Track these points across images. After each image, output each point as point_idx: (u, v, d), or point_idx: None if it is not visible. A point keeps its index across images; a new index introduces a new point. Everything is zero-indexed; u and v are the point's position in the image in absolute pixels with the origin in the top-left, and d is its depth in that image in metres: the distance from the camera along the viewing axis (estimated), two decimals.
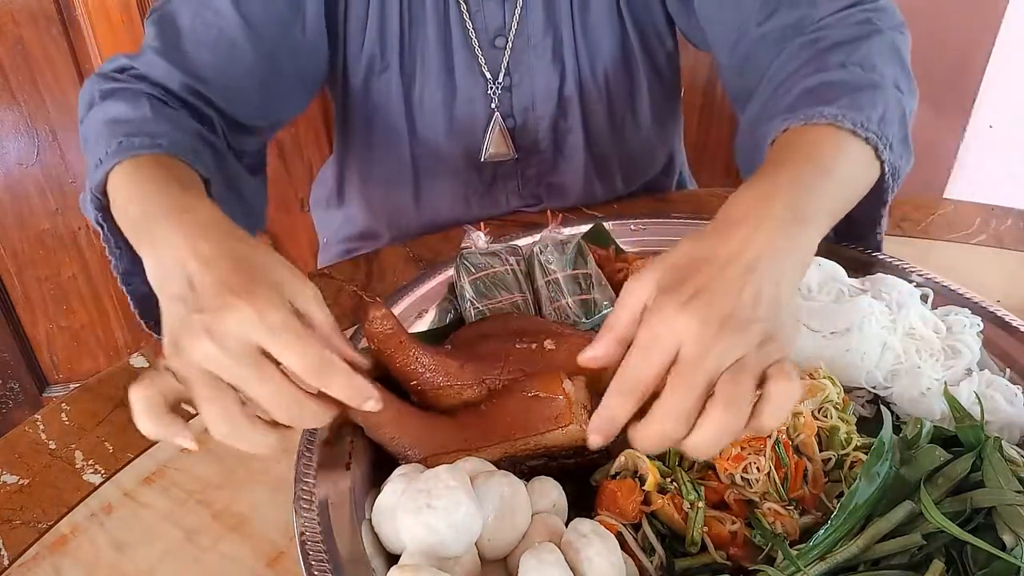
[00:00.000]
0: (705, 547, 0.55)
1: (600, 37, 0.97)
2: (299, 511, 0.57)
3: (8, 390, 1.81)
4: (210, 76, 0.82)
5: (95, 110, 0.78)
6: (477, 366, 0.63)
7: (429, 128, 0.99)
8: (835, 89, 0.68)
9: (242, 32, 0.83)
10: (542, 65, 0.97)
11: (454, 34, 0.95)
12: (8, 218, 1.62)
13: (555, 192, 1.07)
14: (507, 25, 0.95)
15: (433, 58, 0.95)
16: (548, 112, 1.00)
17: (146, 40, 0.83)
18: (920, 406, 0.67)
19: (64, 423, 0.72)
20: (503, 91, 0.98)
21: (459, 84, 0.97)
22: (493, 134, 1.00)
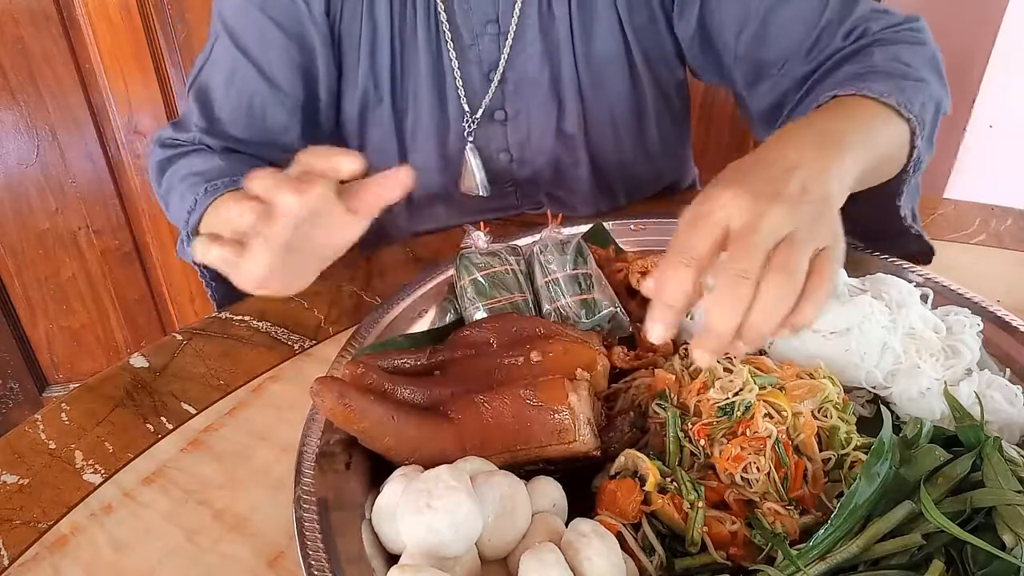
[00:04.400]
0: (705, 547, 0.55)
1: (606, 71, 0.95)
2: (299, 511, 0.57)
3: (8, 390, 1.81)
4: (251, 138, 0.93)
5: (169, 174, 0.90)
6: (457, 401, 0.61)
7: (421, 160, 0.99)
8: (881, 75, 0.73)
9: (270, 94, 0.91)
10: (538, 99, 0.96)
11: (446, 67, 0.94)
12: (8, 218, 1.63)
13: (556, 202, 1.07)
14: (502, 58, 0.94)
15: (425, 91, 0.95)
16: (547, 146, 1.00)
17: (191, 115, 0.93)
18: (920, 406, 0.67)
19: (64, 423, 0.72)
20: (498, 124, 0.98)
21: (451, 116, 0.97)
22: (486, 169, 1.00)
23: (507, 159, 1.00)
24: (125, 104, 1.56)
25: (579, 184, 1.03)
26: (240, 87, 0.91)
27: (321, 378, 0.59)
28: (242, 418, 0.72)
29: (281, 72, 0.91)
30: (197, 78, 0.93)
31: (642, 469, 0.57)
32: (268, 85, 0.91)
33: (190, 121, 0.93)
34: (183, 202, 0.83)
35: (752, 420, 0.60)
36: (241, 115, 0.92)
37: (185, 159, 0.89)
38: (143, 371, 0.78)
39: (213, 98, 0.92)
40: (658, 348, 0.73)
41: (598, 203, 1.06)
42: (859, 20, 0.83)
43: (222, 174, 0.83)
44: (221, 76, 0.92)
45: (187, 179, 0.86)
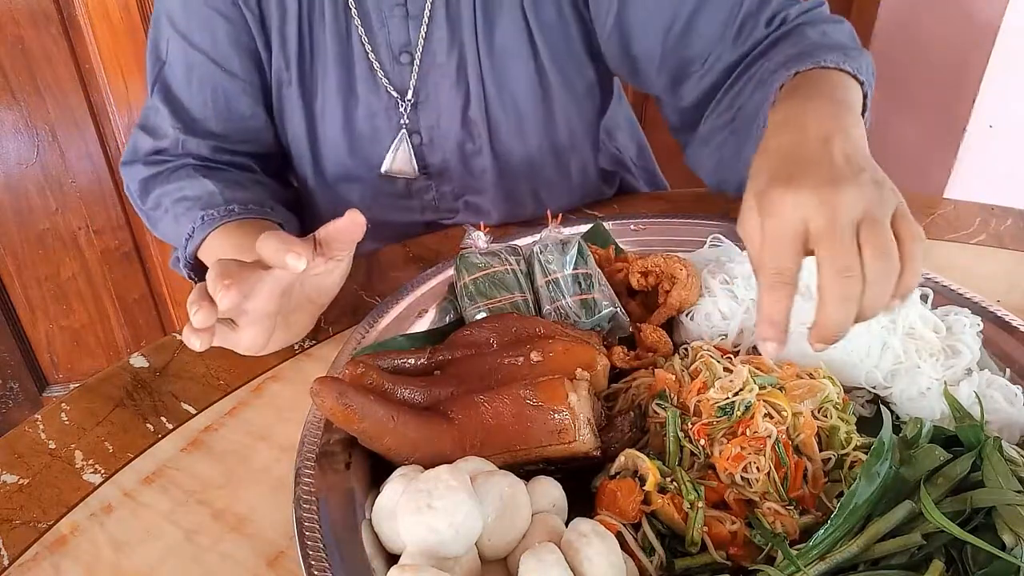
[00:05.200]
0: (705, 547, 0.55)
1: (509, 62, 0.94)
2: (299, 511, 0.57)
3: (8, 390, 1.81)
4: (227, 131, 0.95)
5: (157, 194, 0.92)
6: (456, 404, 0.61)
7: (330, 141, 0.99)
8: (825, 48, 0.76)
9: (229, 83, 0.93)
10: (447, 84, 0.96)
11: (355, 49, 0.94)
12: (8, 218, 1.63)
13: (471, 209, 1.06)
14: (412, 42, 0.94)
15: (332, 73, 0.95)
16: (453, 131, 0.99)
17: (160, 117, 0.94)
18: (920, 406, 0.67)
19: (64, 423, 0.72)
20: (411, 108, 0.98)
21: (360, 99, 0.97)
22: (398, 150, 0.99)
23: (417, 141, 1.00)
24: (125, 104, 1.56)
25: (485, 175, 1.02)
26: (201, 82, 0.93)
27: (321, 378, 0.59)
28: (242, 418, 0.72)
29: (234, 60, 0.93)
30: (159, 79, 0.94)
31: (642, 469, 0.57)
32: (226, 75, 0.93)
33: (164, 125, 0.94)
34: (177, 226, 0.86)
35: (752, 420, 0.60)
36: (209, 110, 0.94)
37: (174, 182, 0.91)
38: (143, 371, 0.78)
39: (179, 96, 0.94)
40: (658, 348, 0.73)
41: (508, 205, 1.04)
42: (777, 8, 0.86)
43: (214, 200, 0.86)
44: (180, 74, 0.93)
45: (180, 203, 0.88)
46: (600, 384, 0.66)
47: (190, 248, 0.84)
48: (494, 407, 0.60)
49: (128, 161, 0.97)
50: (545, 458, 0.59)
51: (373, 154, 1.00)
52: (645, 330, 0.74)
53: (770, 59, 0.82)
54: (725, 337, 0.74)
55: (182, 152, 0.94)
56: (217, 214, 0.83)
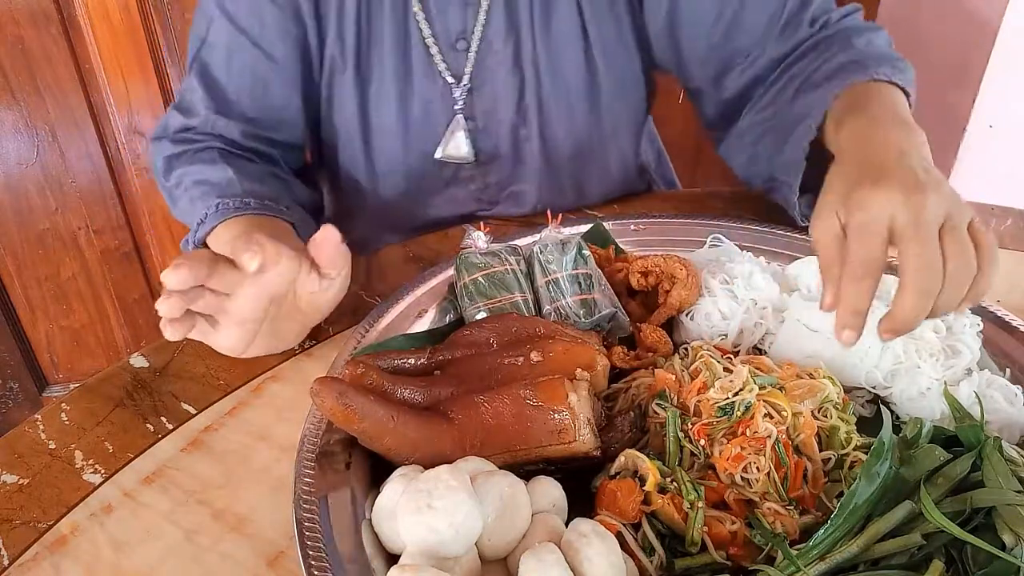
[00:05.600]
0: (705, 547, 0.55)
1: (563, 50, 0.97)
2: (299, 511, 0.57)
3: (8, 390, 1.81)
4: (259, 116, 0.95)
5: (179, 173, 0.91)
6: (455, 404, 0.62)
7: (384, 128, 1.00)
8: (874, 59, 0.80)
9: (270, 70, 0.93)
10: (503, 71, 0.98)
11: (412, 36, 0.95)
12: (8, 218, 1.63)
13: (511, 199, 1.07)
14: (469, 29, 0.96)
15: (389, 59, 0.96)
16: (508, 117, 1.00)
17: (196, 96, 0.94)
18: (920, 406, 0.67)
19: (64, 423, 0.72)
20: (466, 93, 0.99)
21: (415, 85, 0.97)
22: (454, 135, 1.00)
23: (472, 127, 1.01)
24: (125, 104, 1.56)
25: (533, 162, 1.04)
26: (241, 65, 0.93)
27: (321, 378, 0.59)
28: (242, 418, 0.72)
29: (278, 46, 0.93)
30: (197, 58, 0.94)
31: (642, 469, 0.57)
32: (267, 60, 0.93)
33: (197, 104, 0.94)
34: (192, 208, 0.86)
35: (752, 420, 0.60)
36: (245, 93, 0.94)
37: (197, 164, 0.90)
38: (143, 371, 0.78)
39: (217, 77, 0.94)
40: (658, 348, 0.73)
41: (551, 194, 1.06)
42: (819, 10, 0.91)
43: (231, 188, 0.86)
44: (221, 56, 0.93)
45: (199, 186, 0.88)
46: (600, 384, 0.66)
47: (200, 233, 0.83)
48: (494, 407, 0.60)
49: (157, 136, 0.97)
50: (545, 458, 0.59)
51: (426, 141, 1.01)
52: (645, 330, 0.74)
53: (815, 62, 0.85)
54: (725, 337, 0.74)
55: (211, 132, 0.93)
56: (232, 204, 0.83)
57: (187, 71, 0.96)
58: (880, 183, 0.58)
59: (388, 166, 1.02)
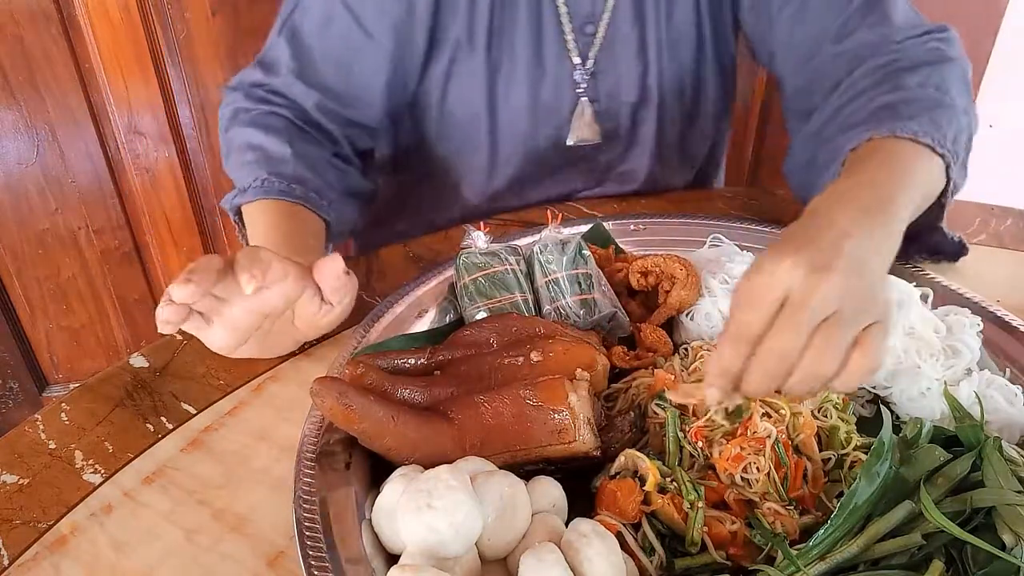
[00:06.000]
0: (705, 547, 0.55)
1: (682, 33, 1.01)
2: (299, 511, 0.57)
3: (8, 390, 1.81)
4: (340, 90, 0.94)
5: (241, 129, 0.91)
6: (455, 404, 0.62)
7: (513, 112, 1.01)
8: (914, 106, 0.75)
9: (365, 44, 0.93)
10: (628, 54, 1.01)
11: (545, 19, 0.97)
12: (8, 218, 1.62)
13: (619, 178, 1.11)
14: (597, 12, 0.98)
15: (522, 40, 0.97)
16: (630, 100, 1.04)
17: (281, 56, 0.93)
18: (920, 406, 0.67)
19: (64, 423, 0.72)
20: (590, 76, 1.01)
21: (548, 68, 0.99)
22: (582, 118, 1.02)
23: (596, 108, 1.03)
24: (125, 104, 1.56)
25: (644, 146, 1.08)
26: (335, 34, 0.93)
27: (321, 378, 0.59)
28: (242, 418, 0.72)
29: (376, 22, 0.92)
30: (289, 20, 0.94)
31: (642, 469, 0.57)
32: (362, 34, 0.92)
33: (280, 63, 0.93)
34: (241, 171, 0.87)
35: (751, 420, 0.60)
36: (331, 62, 0.93)
37: (258, 128, 0.90)
38: (143, 371, 0.78)
39: (306, 42, 0.93)
40: (658, 348, 0.73)
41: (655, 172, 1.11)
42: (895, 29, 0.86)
43: (283, 167, 0.86)
44: (314, 22, 0.93)
45: (254, 151, 0.88)
46: (600, 384, 0.66)
47: (238, 200, 0.85)
48: (494, 407, 0.60)
49: (232, 87, 0.96)
50: (545, 458, 0.59)
51: (551, 123, 1.03)
52: (645, 330, 0.74)
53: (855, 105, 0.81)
54: None
55: (285, 95, 0.93)
56: (277, 185, 0.84)
57: (275, 31, 0.95)
58: (789, 254, 0.54)
59: (512, 148, 1.04)
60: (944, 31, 0.87)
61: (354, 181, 0.97)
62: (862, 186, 0.64)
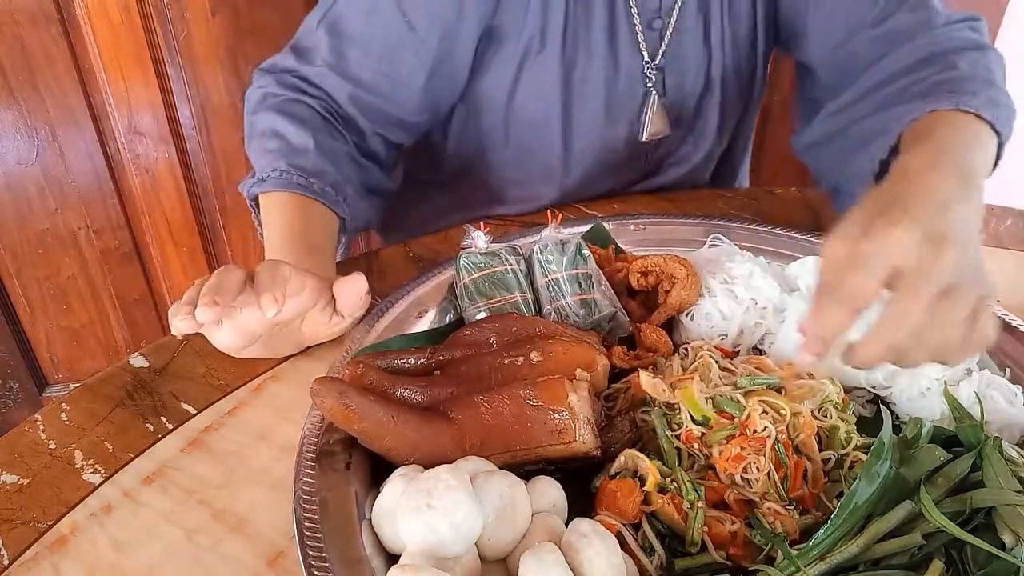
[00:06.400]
0: (705, 547, 0.55)
1: (741, 22, 1.02)
2: (299, 511, 0.57)
3: (8, 390, 1.81)
4: (376, 82, 0.93)
5: (266, 115, 0.90)
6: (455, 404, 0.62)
7: (588, 109, 1.01)
8: (973, 84, 0.77)
9: (407, 39, 0.91)
10: (694, 47, 1.02)
11: (619, 16, 0.98)
12: (8, 218, 1.62)
13: (670, 167, 1.12)
14: (664, 7, 0.99)
15: (598, 38, 0.97)
16: (696, 91, 1.05)
17: (319, 45, 0.92)
18: (920, 406, 0.67)
19: (64, 423, 0.72)
20: (657, 71, 1.02)
21: (621, 64, 0.99)
22: (653, 113, 1.03)
23: (664, 103, 1.04)
24: (125, 104, 1.56)
25: (707, 134, 1.09)
26: (378, 24, 0.91)
27: (321, 378, 0.59)
28: (242, 418, 0.72)
29: (423, 18, 0.91)
30: (331, 10, 0.93)
31: (642, 469, 0.57)
32: (407, 27, 0.91)
33: (315, 53, 0.93)
34: (261, 158, 0.87)
35: (750, 420, 0.60)
36: (373, 55, 0.92)
37: (285, 116, 0.89)
38: (143, 371, 0.78)
39: (347, 33, 0.92)
40: (658, 348, 0.73)
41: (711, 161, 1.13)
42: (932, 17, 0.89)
43: (303, 159, 0.86)
44: (359, 11, 0.92)
45: (276, 139, 0.87)
46: (600, 384, 0.66)
47: (255, 189, 0.85)
48: (494, 407, 0.60)
49: (265, 69, 0.96)
50: (545, 458, 0.59)
51: (624, 118, 1.03)
52: (645, 330, 0.74)
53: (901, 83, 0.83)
54: (725, 337, 0.74)
55: (318, 86, 0.92)
56: (295, 179, 0.83)
57: (314, 19, 0.94)
58: (902, 221, 0.54)
59: (586, 145, 1.04)
60: (978, 20, 0.90)
61: (374, 177, 0.97)
62: (948, 153, 0.64)
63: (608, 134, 1.04)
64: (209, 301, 0.62)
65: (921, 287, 0.52)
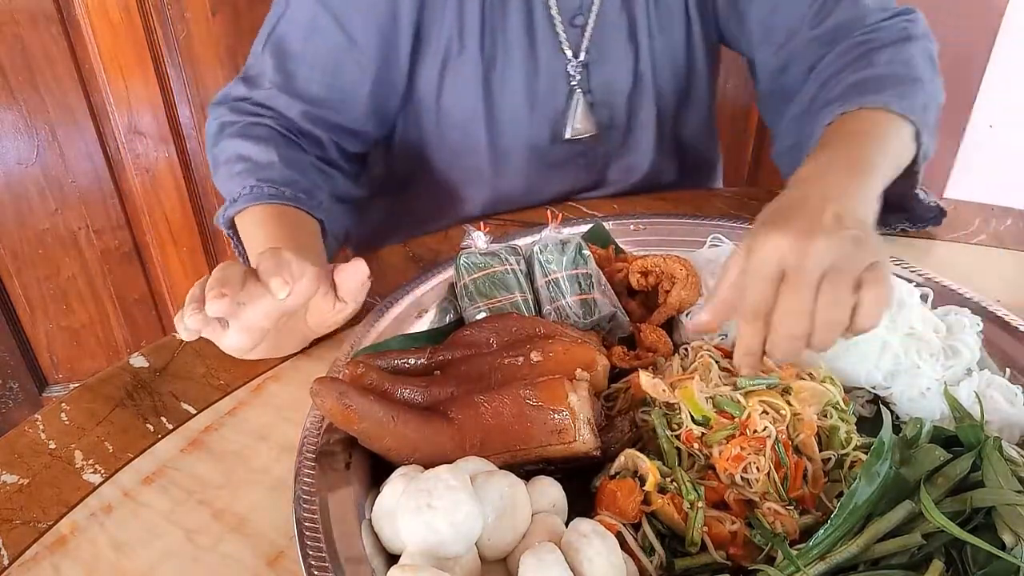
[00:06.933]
0: (705, 547, 0.55)
1: (671, 14, 1.01)
2: (299, 511, 0.57)
3: (8, 390, 1.81)
4: (324, 96, 0.94)
5: (227, 142, 0.91)
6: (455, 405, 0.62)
7: (509, 109, 1.01)
8: (885, 81, 0.82)
9: (348, 51, 0.93)
10: (619, 42, 1.01)
11: (536, 14, 0.97)
12: (8, 218, 1.62)
13: (622, 171, 1.10)
14: (586, 3, 0.98)
15: (516, 37, 0.97)
16: (625, 88, 1.04)
17: (264, 69, 0.94)
18: (920, 406, 0.67)
19: (64, 423, 0.72)
20: (583, 68, 1.01)
21: (541, 63, 0.99)
22: (577, 110, 1.02)
23: (590, 100, 1.03)
24: (125, 104, 1.56)
25: (644, 132, 1.07)
26: (319, 41, 0.93)
27: (321, 378, 0.59)
28: (242, 418, 0.72)
29: (360, 30, 0.93)
30: (273, 32, 0.94)
31: (642, 469, 0.57)
32: (347, 40, 0.93)
33: (263, 77, 0.94)
34: (230, 183, 0.87)
35: (750, 420, 0.60)
36: (317, 70, 0.94)
37: (244, 139, 0.90)
38: (143, 371, 0.78)
39: (290, 52, 0.93)
40: (658, 348, 0.73)
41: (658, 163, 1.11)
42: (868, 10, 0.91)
43: (271, 172, 0.86)
44: (300, 30, 0.93)
45: (241, 161, 0.88)
46: (600, 384, 0.66)
47: (231, 211, 0.85)
48: (494, 407, 0.60)
49: (217, 102, 0.97)
50: (545, 458, 0.59)
51: (549, 118, 1.03)
52: (645, 330, 0.74)
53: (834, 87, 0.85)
54: (725, 337, 0.74)
55: (270, 107, 0.93)
56: (266, 190, 0.84)
57: (259, 44, 0.96)
58: (777, 228, 0.60)
59: (511, 145, 1.04)
60: (910, 13, 0.92)
61: (341, 185, 0.98)
62: (838, 154, 0.71)
63: (534, 134, 1.03)
64: (217, 294, 0.62)
65: (799, 279, 0.58)
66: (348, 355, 0.72)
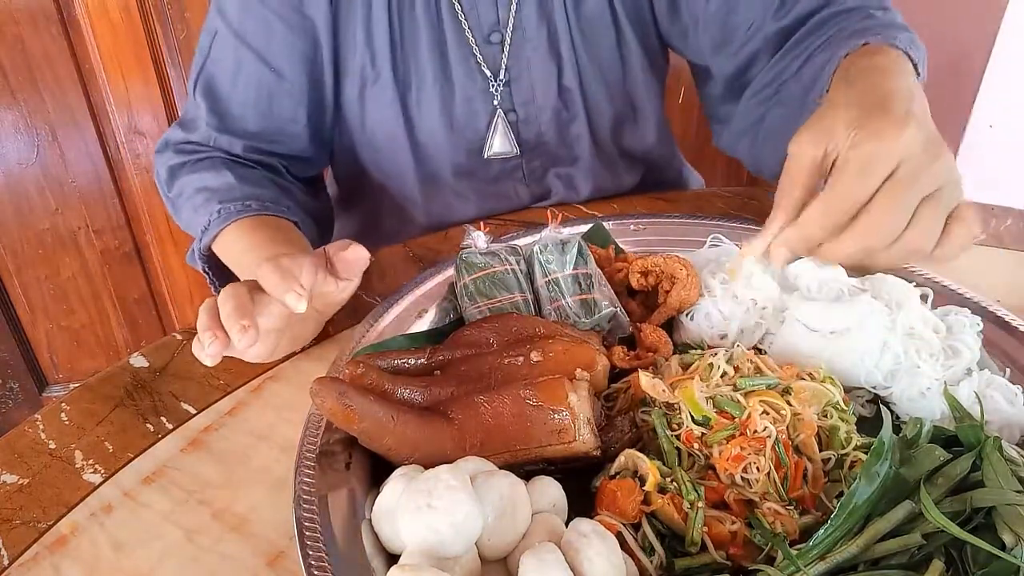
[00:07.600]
0: (705, 547, 0.55)
1: (596, 29, 0.98)
2: (299, 511, 0.57)
3: (8, 390, 1.81)
4: (262, 129, 0.95)
5: (181, 182, 0.92)
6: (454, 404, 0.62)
7: (428, 132, 0.99)
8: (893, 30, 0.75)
9: (276, 84, 0.93)
10: (539, 58, 0.98)
11: (448, 35, 0.95)
12: (8, 218, 1.63)
13: (565, 183, 1.08)
14: (501, 21, 0.96)
15: (427, 61, 0.96)
16: (550, 104, 1.01)
17: (199, 113, 0.94)
18: (920, 406, 0.67)
19: (64, 423, 0.72)
20: (503, 87, 0.99)
21: (456, 84, 0.97)
22: (496, 131, 1.01)
23: (513, 119, 1.02)
24: (125, 104, 1.56)
25: (580, 141, 1.05)
26: (247, 80, 0.93)
27: (321, 378, 0.59)
28: (242, 418, 0.72)
29: (285, 61, 0.93)
30: (200, 76, 0.94)
31: (642, 469, 0.57)
32: (274, 75, 0.93)
33: (199, 120, 0.94)
34: (196, 216, 0.87)
35: (750, 420, 0.60)
36: (250, 107, 0.94)
37: (197, 173, 0.91)
38: (143, 371, 0.78)
39: (221, 93, 0.93)
40: (658, 348, 0.73)
41: (600, 175, 1.08)
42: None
43: (232, 193, 0.86)
44: (226, 71, 0.93)
45: (201, 193, 0.88)
46: (600, 384, 0.66)
47: (205, 240, 0.84)
48: (494, 407, 0.60)
49: (160, 149, 0.97)
50: (545, 458, 0.59)
51: (471, 138, 1.01)
52: (645, 330, 0.74)
53: (827, 32, 0.81)
54: (725, 337, 0.74)
55: (212, 147, 0.94)
56: (233, 208, 0.84)
57: (190, 88, 0.96)
58: (909, 122, 0.53)
59: (436, 166, 1.03)
60: None
61: (300, 197, 0.98)
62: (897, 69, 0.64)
63: (456, 155, 1.02)
64: (241, 329, 0.61)
65: (908, 193, 0.53)
66: (348, 355, 0.72)
